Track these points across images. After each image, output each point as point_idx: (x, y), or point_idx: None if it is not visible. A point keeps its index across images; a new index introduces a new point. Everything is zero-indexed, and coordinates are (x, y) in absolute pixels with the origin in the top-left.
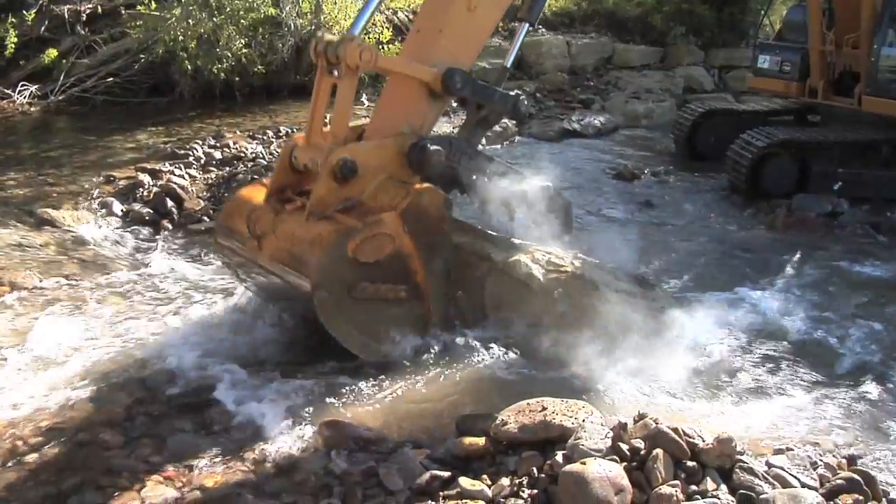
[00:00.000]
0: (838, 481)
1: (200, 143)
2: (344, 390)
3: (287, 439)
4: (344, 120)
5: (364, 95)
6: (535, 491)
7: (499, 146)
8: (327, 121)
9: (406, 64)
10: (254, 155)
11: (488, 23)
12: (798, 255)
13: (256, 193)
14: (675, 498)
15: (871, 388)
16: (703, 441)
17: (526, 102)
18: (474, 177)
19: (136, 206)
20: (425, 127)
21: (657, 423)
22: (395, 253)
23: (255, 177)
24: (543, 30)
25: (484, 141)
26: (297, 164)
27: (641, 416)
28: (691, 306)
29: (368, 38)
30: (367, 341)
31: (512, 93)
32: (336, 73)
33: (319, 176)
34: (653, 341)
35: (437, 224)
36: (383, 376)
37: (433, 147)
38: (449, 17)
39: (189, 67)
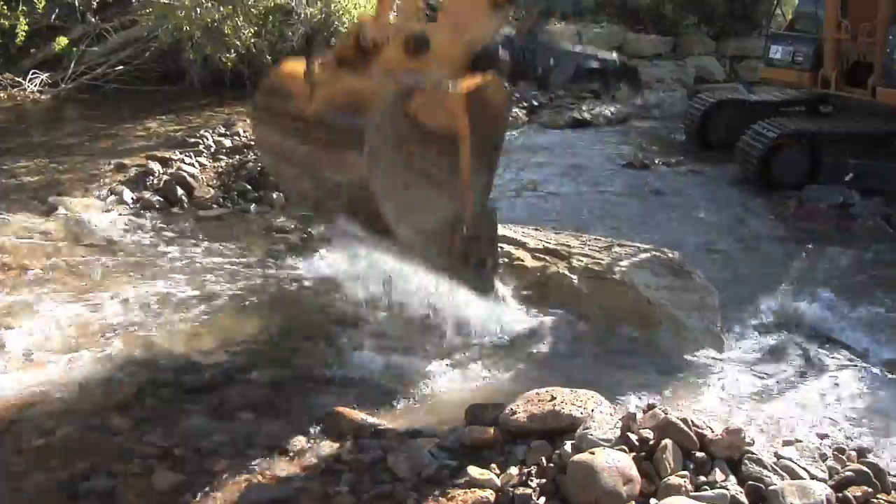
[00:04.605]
0: (847, 473)
1: (210, 131)
2: (354, 378)
3: (296, 426)
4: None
5: None
6: (544, 480)
7: (508, 134)
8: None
9: None
10: None
11: None
12: (809, 247)
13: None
14: (683, 488)
15: (882, 381)
16: (713, 432)
17: None
18: (541, 70)
19: (147, 194)
20: (486, 39)
21: (666, 414)
22: (450, 131)
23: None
24: (554, 19)
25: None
26: (365, 40)
27: (651, 407)
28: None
29: None
30: (399, 211)
31: None
32: None
33: (390, 43)
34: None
35: (496, 119)
36: (392, 364)
37: (502, 52)
38: None
39: (193, 56)
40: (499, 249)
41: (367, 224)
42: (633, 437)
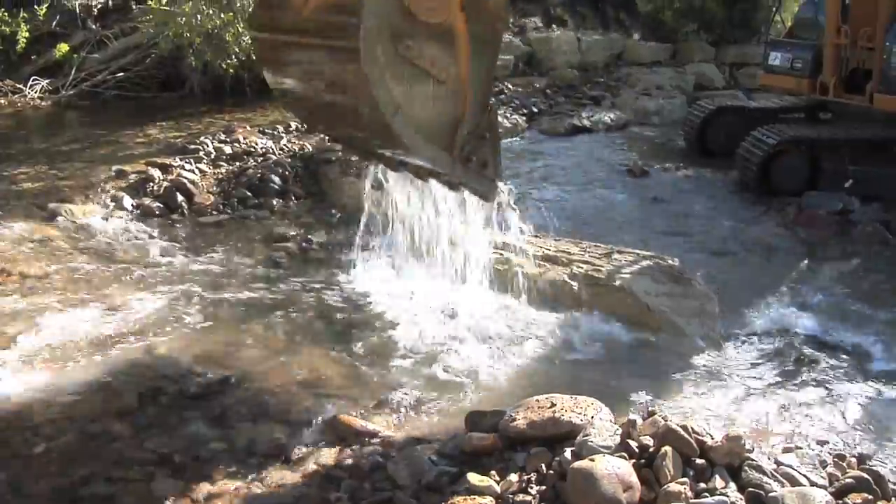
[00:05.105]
0: (847, 480)
1: (211, 137)
2: (353, 385)
3: (296, 433)
4: None
5: None
6: (544, 487)
7: (508, 140)
8: None
9: None
10: (264, 150)
11: None
12: (810, 254)
13: None
14: (683, 495)
15: (881, 387)
16: (713, 438)
17: None
18: None
19: (147, 201)
20: None
21: (666, 421)
22: (446, 27)
23: (264, 171)
24: (554, 25)
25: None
26: None
27: (651, 413)
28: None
29: None
30: (397, 105)
31: None
32: None
33: None
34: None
35: (493, 21)
36: (392, 371)
37: None
38: None
39: (194, 62)
40: (500, 150)
41: (371, 137)
42: (633, 444)
